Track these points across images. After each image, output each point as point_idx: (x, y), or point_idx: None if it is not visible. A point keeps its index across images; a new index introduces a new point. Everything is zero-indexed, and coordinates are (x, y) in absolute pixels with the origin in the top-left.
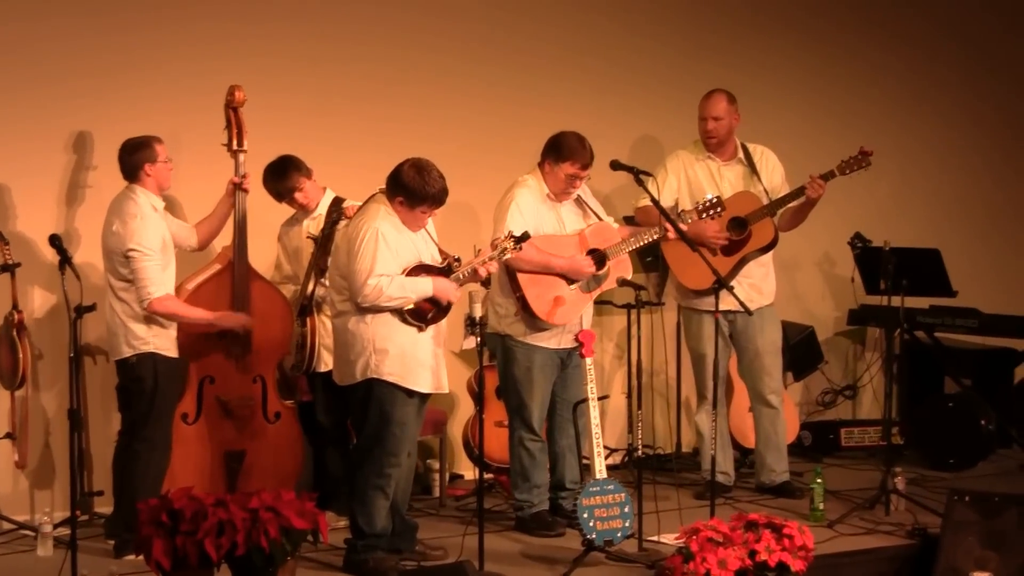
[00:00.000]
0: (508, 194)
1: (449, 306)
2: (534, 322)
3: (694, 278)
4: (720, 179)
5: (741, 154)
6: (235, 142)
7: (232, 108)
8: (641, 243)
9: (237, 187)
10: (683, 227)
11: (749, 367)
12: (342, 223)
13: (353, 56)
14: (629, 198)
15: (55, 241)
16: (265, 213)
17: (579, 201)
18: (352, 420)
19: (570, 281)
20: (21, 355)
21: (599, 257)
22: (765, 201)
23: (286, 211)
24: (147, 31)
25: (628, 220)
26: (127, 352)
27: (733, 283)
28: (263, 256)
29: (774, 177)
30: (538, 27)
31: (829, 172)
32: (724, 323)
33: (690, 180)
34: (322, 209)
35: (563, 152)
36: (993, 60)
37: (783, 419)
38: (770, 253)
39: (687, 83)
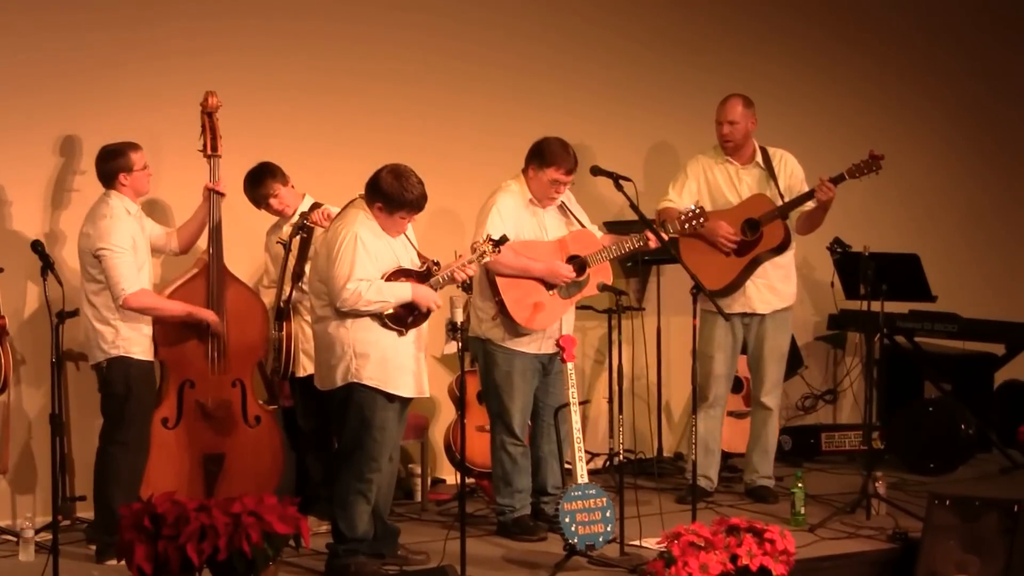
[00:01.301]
0: (490, 198)
1: (429, 311)
2: (514, 327)
3: (708, 280)
4: (739, 183)
5: (759, 158)
6: (209, 147)
7: (206, 113)
8: (623, 251)
9: (212, 192)
10: (673, 232)
11: (753, 368)
12: (318, 231)
13: (336, 61)
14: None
15: (37, 247)
16: (247, 218)
17: (563, 208)
18: (333, 425)
19: (549, 287)
20: (3, 360)
21: (579, 264)
22: (775, 204)
23: (268, 217)
24: (127, 37)
25: (610, 226)
26: (99, 357)
27: (748, 283)
28: (245, 261)
29: (793, 181)
30: (530, 33)
31: (839, 175)
32: (739, 325)
33: (710, 184)
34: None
35: (547, 158)
36: (974, 64)
37: (775, 422)
38: (789, 255)
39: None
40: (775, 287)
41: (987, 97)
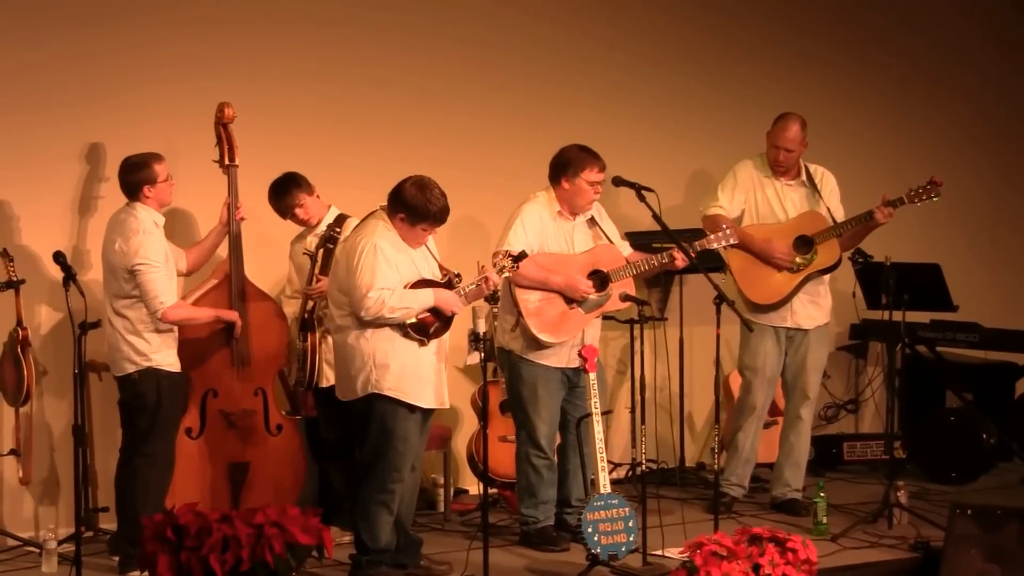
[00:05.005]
0: (516, 209)
1: (451, 319)
2: (534, 339)
3: (761, 293)
4: (784, 199)
5: (804, 176)
6: (226, 158)
7: (222, 124)
8: (649, 267)
9: (231, 215)
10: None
11: (792, 380)
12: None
13: (359, 71)
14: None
15: (59, 258)
16: (267, 228)
17: (592, 221)
18: (354, 435)
19: (570, 300)
20: (25, 371)
21: (602, 278)
22: (829, 222)
23: (288, 226)
24: (151, 52)
25: (632, 237)
26: (129, 368)
27: (794, 299)
28: (265, 271)
29: (831, 201)
30: (556, 45)
31: (898, 199)
32: (783, 339)
33: (758, 198)
34: (325, 226)
35: (577, 164)
36: (988, 80)
37: (808, 435)
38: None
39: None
40: (817, 302)
41: (1003, 113)
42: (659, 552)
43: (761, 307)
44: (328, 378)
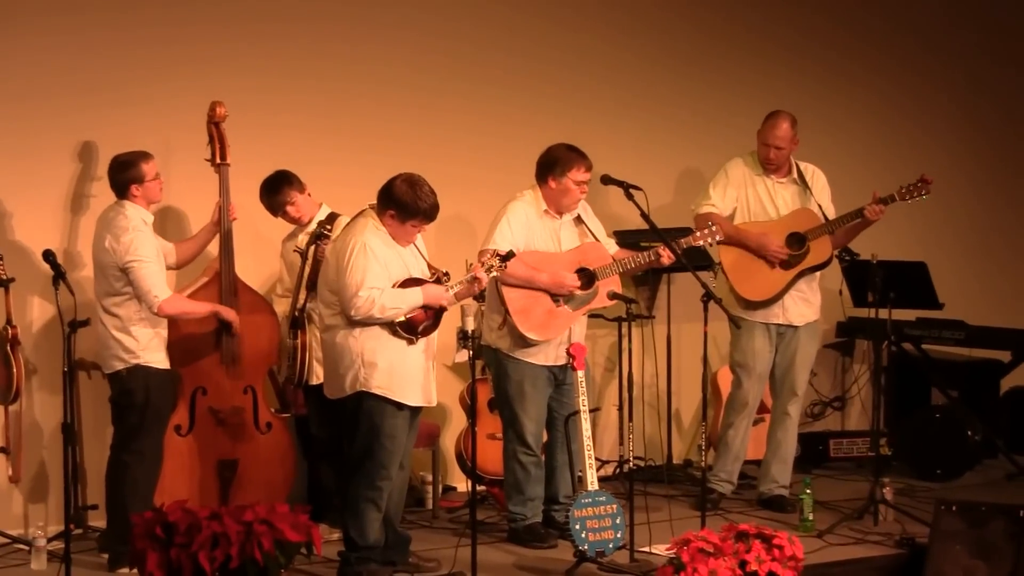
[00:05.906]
0: (503, 207)
1: (440, 318)
2: (521, 337)
3: (754, 290)
4: (775, 196)
5: (795, 174)
6: (218, 156)
7: (214, 123)
8: (635, 265)
9: (222, 213)
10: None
11: (780, 377)
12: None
13: (351, 68)
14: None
15: (48, 256)
16: (258, 227)
17: (578, 220)
18: (343, 433)
19: (556, 298)
20: (15, 370)
21: (588, 276)
22: (821, 219)
23: (279, 225)
24: (144, 50)
25: (620, 235)
26: (118, 366)
27: (786, 296)
28: (256, 269)
29: (822, 199)
30: (547, 44)
31: (889, 196)
32: (774, 335)
33: (749, 196)
34: (316, 224)
35: (563, 164)
36: (982, 82)
37: (795, 431)
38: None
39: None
40: (808, 299)
41: (991, 113)
42: (646, 549)
43: (753, 304)
44: (318, 375)
